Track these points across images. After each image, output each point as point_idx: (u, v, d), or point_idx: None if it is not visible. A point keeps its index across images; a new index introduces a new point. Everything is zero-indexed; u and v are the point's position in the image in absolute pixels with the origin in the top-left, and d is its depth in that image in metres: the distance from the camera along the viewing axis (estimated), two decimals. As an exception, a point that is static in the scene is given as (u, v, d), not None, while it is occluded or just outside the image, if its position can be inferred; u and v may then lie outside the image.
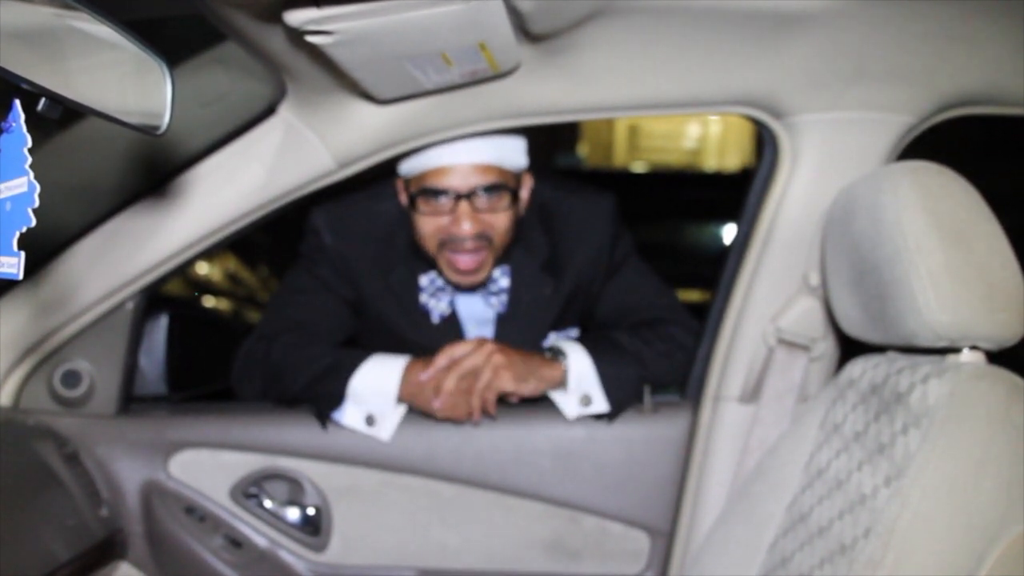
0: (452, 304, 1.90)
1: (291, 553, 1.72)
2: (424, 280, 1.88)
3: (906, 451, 1.14)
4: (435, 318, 1.89)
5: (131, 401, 1.73)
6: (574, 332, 1.95)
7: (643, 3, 1.27)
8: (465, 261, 1.75)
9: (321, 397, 1.69)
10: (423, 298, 1.89)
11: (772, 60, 1.41)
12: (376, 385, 1.67)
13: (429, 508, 1.72)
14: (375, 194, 1.90)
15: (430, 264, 1.84)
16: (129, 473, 1.68)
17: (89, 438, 1.66)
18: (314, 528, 1.72)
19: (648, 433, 1.71)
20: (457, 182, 1.69)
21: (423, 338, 1.86)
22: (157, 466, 1.69)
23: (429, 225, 1.74)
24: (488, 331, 1.92)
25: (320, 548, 1.72)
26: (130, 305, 1.67)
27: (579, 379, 1.69)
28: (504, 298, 1.90)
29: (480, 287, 1.87)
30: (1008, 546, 1.06)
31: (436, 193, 1.70)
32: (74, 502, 1.46)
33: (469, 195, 1.70)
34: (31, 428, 1.58)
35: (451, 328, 1.91)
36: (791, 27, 1.33)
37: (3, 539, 1.20)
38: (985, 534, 1.06)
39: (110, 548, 1.54)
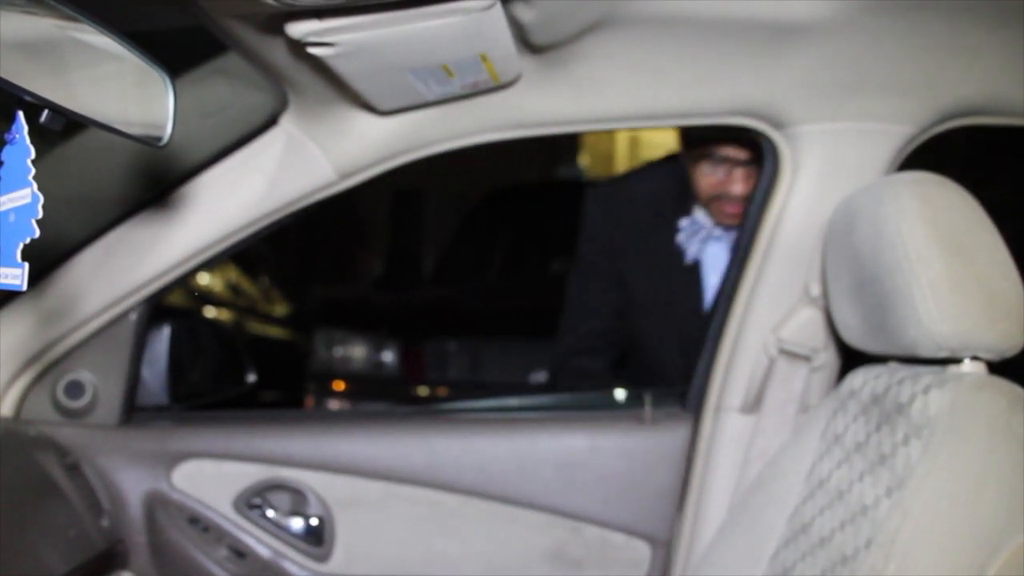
0: (702, 250, 2.20)
1: (294, 563, 1.71)
2: (684, 222, 2.20)
3: (907, 462, 1.14)
4: (688, 258, 2.19)
5: (133, 411, 1.73)
6: None
7: (644, 14, 1.28)
8: (733, 207, 2.07)
9: None
10: (680, 237, 2.20)
11: (773, 71, 1.42)
12: None
13: (432, 518, 1.72)
14: (640, 174, 2.51)
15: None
16: (132, 484, 1.67)
17: (92, 449, 1.66)
18: (317, 538, 1.71)
19: (648, 443, 1.73)
20: (734, 152, 2.02)
21: (669, 281, 2.23)
22: (160, 477, 1.68)
23: (708, 179, 2.09)
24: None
25: (323, 558, 1.71)
26: (134, 316, 1.66)
27: None
28: None
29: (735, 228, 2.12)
30: (1010, 556, 1.06)
31: (720, 159, 2.05)
32: (75, 513, 1.46)
33: (742, 163, 2.01)
34: (32, 439, 1.58)
35: (693, 275, 2.22)
36: (792, 38, 1.33)
37: (3, 550, 1.20)
38: (987, 545, 1.06)
39: (111, 559, 1.53)
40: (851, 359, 1.48)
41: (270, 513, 1.71)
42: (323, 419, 2.20)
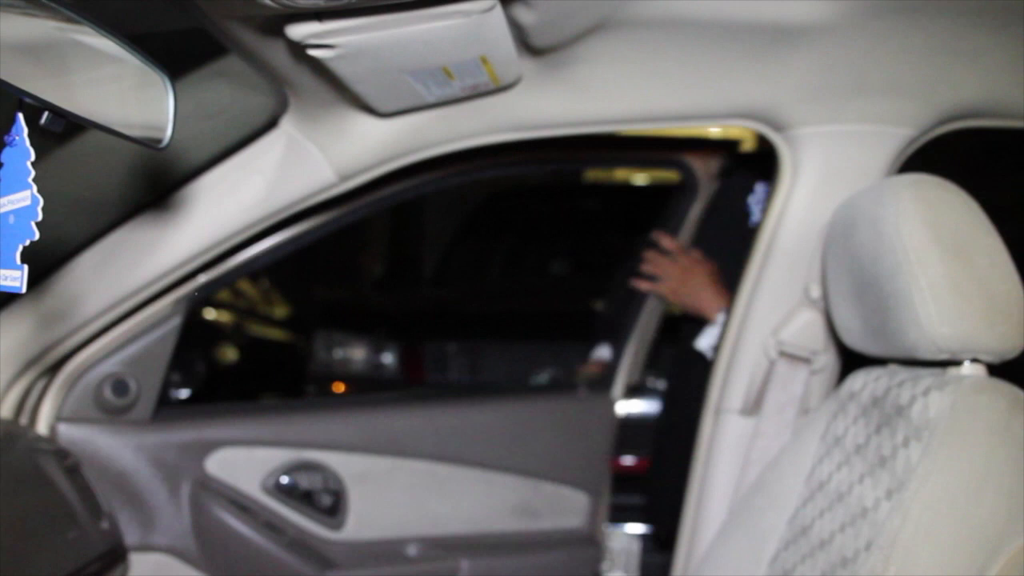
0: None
1: (314, 536, 1.94)
2: (759, 186, 2.19)
3: (907, 464, 1.14)
4: (751, 222, 2.18)
5: (162, 406, 1.85)
6: None
7: (644, 17, 1.28)
8: None
9: None
10: (751, 199, 2.21)
11: (773, 73, 1.42)
12: None
13: (428, 486, 2.02)
14: None
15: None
16: (171, 473, 1.81)
17: (133, 443, 1.78)
18: (333, 510, 1.96)
19: (582, 416, 2.21)
20: None
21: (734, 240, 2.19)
22: (196, 465, 1.84)
23: None
24: None
25: (339, 527, 1.96)
26: (178, 319, 1.77)
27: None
28: None
29: None
30: (1010, 559, 1.06)
31: None
32: (74, 515, 1.46)
33: None
34: (31, 441, 1.58)
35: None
36: (792, 40, 1.33)
37: (2, 551, 1.20)
38: (987, 547, 1.06)
39: (111, 561, 1.53)
40: (851, 361, 1.48)
41: (293, 492, 1.93)
42: (337, 404, 2.41)
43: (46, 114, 0.77)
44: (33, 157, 0.76)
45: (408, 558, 2.00)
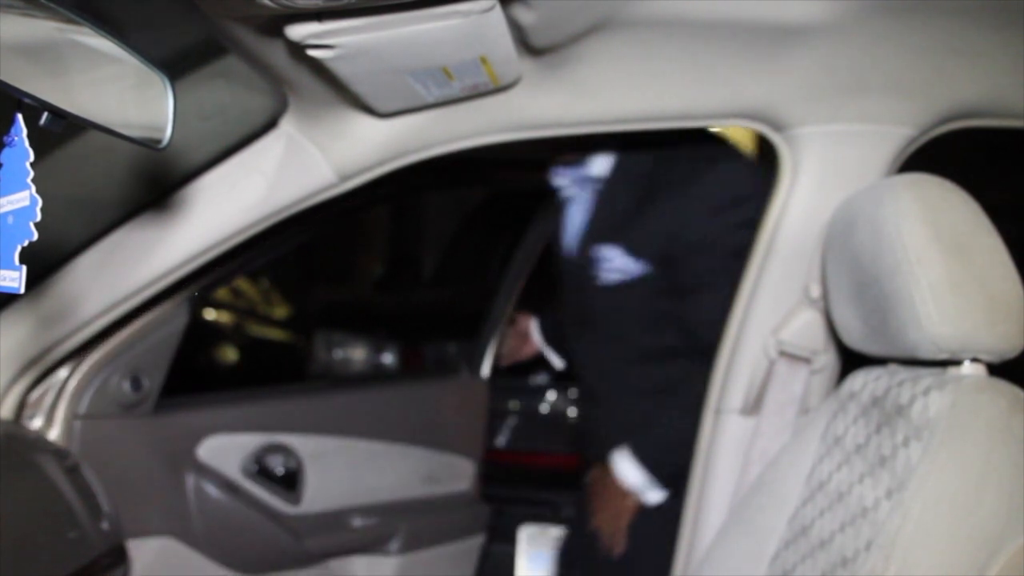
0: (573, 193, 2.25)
1: (279, 511, 2.14)
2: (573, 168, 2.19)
3: (907, 463, 1.14)
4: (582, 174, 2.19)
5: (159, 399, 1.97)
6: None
7: (644, 17, 1.28)
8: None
9: None
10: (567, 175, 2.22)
11: (773, 73, 1.42)
12: None
13: (363, 462, 2.30)
14: None
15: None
16: (174, 462, 1.97)
17: (140, 435, 1.90)
18: (292, 487, 2.18)
19: (464, 394, 2.56)
20: None
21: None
22: (191, 452, 2.01)
23: None
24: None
25: (296, 502, 2.18)
26: (185, 319, 1.93)
27: None
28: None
29: None
30: (1010, 558, 1.06)
31: None
32: (74, 515, 1.46)
33: None
34: (32, 441, 1.58)
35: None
36: (792, 40, 1.33)
37: (2, 552, 1.20)
38: (987, 546, 1.06)
39: (111, 562, 1.53)
40: (851, 361, 1.48)
41: (267, 473, 2.14)
42: (303, 391, 2.54)
43: (46, 114, 0.76)
44: (32, 157, 0.75)
45: (355, 526, 2.27)
